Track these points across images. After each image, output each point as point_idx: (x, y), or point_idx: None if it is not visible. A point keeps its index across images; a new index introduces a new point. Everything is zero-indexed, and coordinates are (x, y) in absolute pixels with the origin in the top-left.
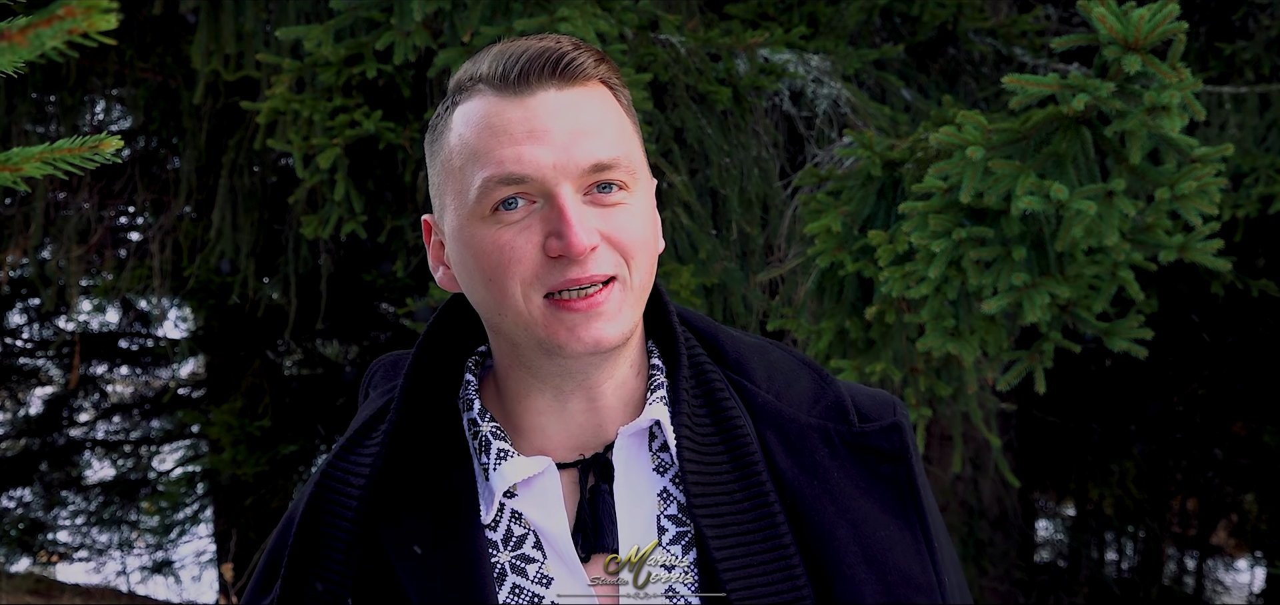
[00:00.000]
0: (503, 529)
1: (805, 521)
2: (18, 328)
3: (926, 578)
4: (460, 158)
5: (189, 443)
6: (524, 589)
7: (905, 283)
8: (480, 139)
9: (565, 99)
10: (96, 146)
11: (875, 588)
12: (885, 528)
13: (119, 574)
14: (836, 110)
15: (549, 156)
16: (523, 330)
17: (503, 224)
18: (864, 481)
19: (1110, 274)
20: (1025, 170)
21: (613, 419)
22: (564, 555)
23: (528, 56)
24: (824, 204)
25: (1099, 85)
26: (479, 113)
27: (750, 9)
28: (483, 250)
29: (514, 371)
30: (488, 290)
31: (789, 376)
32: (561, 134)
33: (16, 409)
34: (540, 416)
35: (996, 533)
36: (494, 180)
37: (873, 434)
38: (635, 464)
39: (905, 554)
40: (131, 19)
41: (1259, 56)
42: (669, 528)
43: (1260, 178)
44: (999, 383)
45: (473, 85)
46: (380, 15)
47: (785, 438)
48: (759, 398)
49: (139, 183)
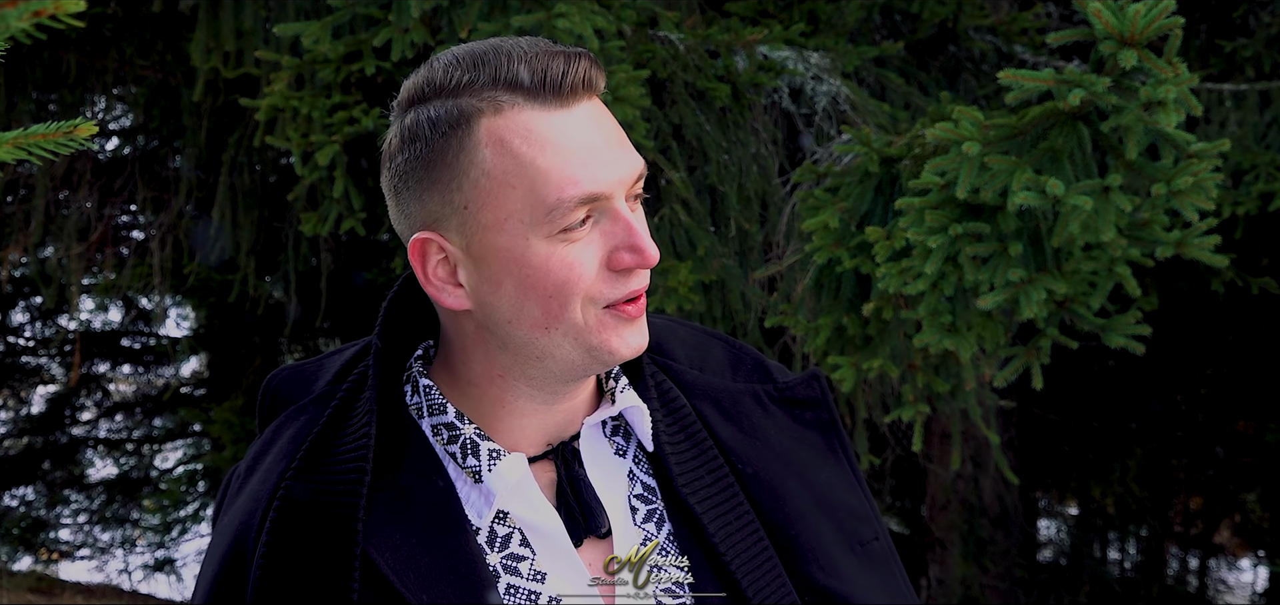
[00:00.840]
0: (485, 532)
1: (757, 482)
2: (20, 326)
3: (863, 506)
4: (512, 174)
5: (190, 441)
6: (519, 588)
7: (902, 279)
8: (542, 157)
9: (598, 108)
10: (71, 131)
11: (829, 526)
12: (822, 469)
13: (121, 572)
14: (836, 107)
15: (612, 172)
16: (570, 342)
17: (570, 241)
18: (795, 432)
19: (1107, 270)
20: (1021, 166)
21: (582, 411)
22: (560, 546)
23: (561, 68)
24: (822, 200)
25: (1095, 80)
26: (526, 127)
27: (750, 6)
28: (547, 269)
29: (502, 381)
30: (542, 306)
31: (702, 349)
32: (613, 147)
33: (19, 408)
34: (521, 418)
35: (997, 531)
36: (571, 201)
37: (796, 385)
38: (598, 451)
39: (845, 490)
40: (131, 16)
41: (1259, 54)
42: (639, 507)
43: (1260, 175)
44: (996, 379)
45: (500, 98)
46: (378, 12)
47: (720, 407)
48: (686, 374)
49: (139, 180)
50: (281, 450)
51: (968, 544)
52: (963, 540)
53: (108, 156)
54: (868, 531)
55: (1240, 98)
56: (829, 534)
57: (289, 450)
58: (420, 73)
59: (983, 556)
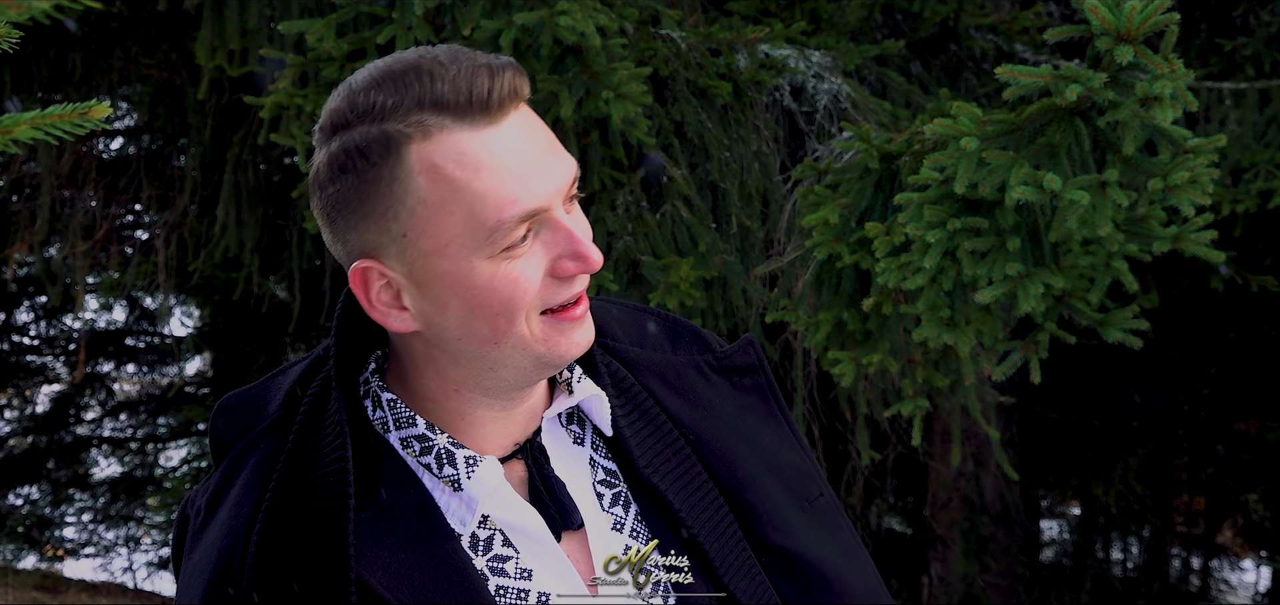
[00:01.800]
0: (468, 537)
1: (707, 450)
2: (25, 325)
3: (807, 464)
4: (448, 199)
5: (194, 440)
6: (509, 588)
7: (901, 274)
8: (477, 179)
9: (527, 119)
10: (86, 112)
11: (779, 487)
12: (766, 433)
13: (125, 570)
14: (837, 105)
15: (547, 184)
16: (519, 352)
17: (512, 258)
18: (737, 398)
19: (1105, 265)
20: (1019, 161)
21: (541, 407)
22: (543, 542)
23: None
24: (822, 196)
25: (1092, 76)
26: (457, 150)
27: (752, 5)
28: (492, 289)
29: (461, 392)
30: (490, 324)
31: (639, 327)
32: (545, 157)
33: (24, 407)
34: (483, 426)
35: (999, 528)
36: (512, 220)
37: (734, 353)
38: (560, 443)
39: (789, 450)
40: (136, 15)
41: (1259, 52)
42: (604, 492)
43: (1260, 173)
44: (994, 373)
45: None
46: (382, 10)
47: (666, 381)
48: (628, 352)
49: (144, 179)
50: (247, 482)
51: (969, 542)
52: (964, 538)
53: (113, 155)
54: (813, 489)
55: (1240, 96)
56: (779, 494)
57: (256, 481)
58: (340, 94)
59: (984, 554)
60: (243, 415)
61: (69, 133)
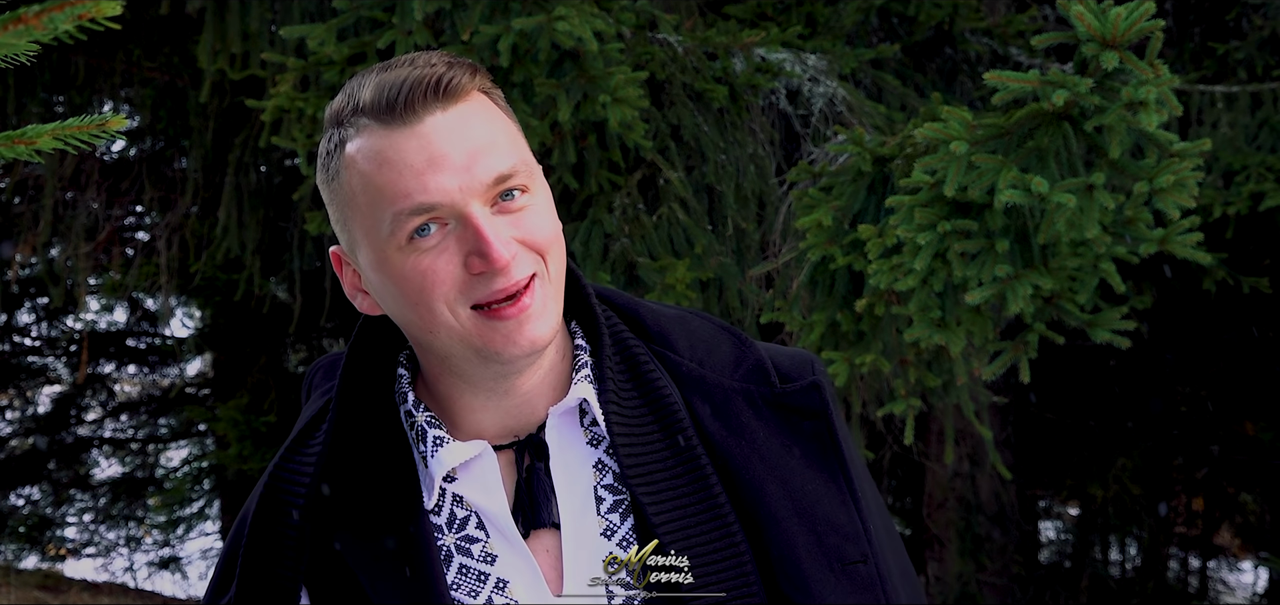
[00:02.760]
0: (446, 513)
1: (737, 480)
2: (26, 326)
3: (853, 526)
4: (365, 196)
5: (195, 440)
6: (470, 568)
7: (893, 275)
8: (381, 175)
9: (452, 119)
10: (103, 124)
11: (806, 537)
12: (811, 481)
13: (126, 570)
14: (832, 109)
15: (453, 180)
16: (457, 343)
17: (420, 250)
18: (788, 439)
19: (1092, 266)
20: (1008, 165)
21: (542, 401)
22: (505, 532)
23: (408, 84)
24: (816, 199)
25: (1078, 81)
26: (372, 149)
27: (749, 9)
28: (404, 278)
29: (444, 377)
30: (415, 313)
31: (710, 344)
32: (459, 156)
33: (25, 407)
34: (473, 412)
35: (995, 528)
36: (404, 213)
37: (793, 393)
38: (568, 440)
39: (831, 504)
40: (139, 19)
41: (1252, 56)
42: (606, 497)
43: (1251, 175)
44: (984, 373)
45: (356, 119)
46: (382, 15)
47: (712, 402)
48: (683, 366)
49: (146, 181)
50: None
51: (965, 541)
52: (960, 538)
53: (115, 158)
54: (853, 552)
55: (1232, 99)
56: (803, 545)
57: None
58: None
59: (980, 553)
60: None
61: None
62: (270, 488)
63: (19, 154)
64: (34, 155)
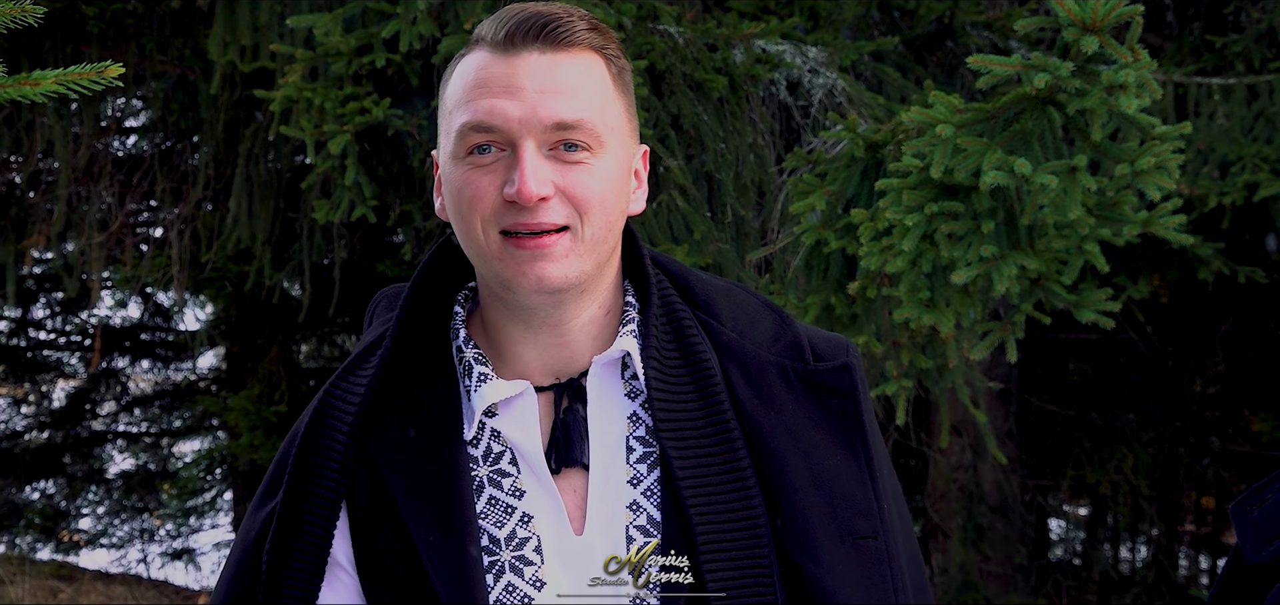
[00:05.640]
0: (483, 446)
1: (762, 447)
2: (41, 320)
3: (867, 503)
4: (450, 104)
5: (208, 433)
6: (499, 500)
7: (883, 257)
8: (466, 90)
9: (546, 61)
10: (102, 72)
11: (821, 508)
12: (832, 455)
13: (139, 561)
14: (832, 100)
15: (517, 110)
16: (484, 263)
17: (474, 166)
18: (815, 414)
19: (1077, 248)
20: (992, 147)
21: (585, 350)
22: (536, 468)
23: (518, 19)
24: (811, 185)
25: (1059, 65)
26: (472, 65)
27: (751, 1)
28: (456, 187)
29: (491, 301)
30: (459, 222)
31: (752, 316)
32: (532, 92)
33: (40, 401)
34: (516, 344)
35: (997, 518)
36: (468, 126)
37: (825, 372)
38: (607, 390)
39: (849, 480)
40: (150, 12)
41: (1249, 49)
42: (636, 447)
43: (1247, 166)
44: (972, 352)
45: (475, 42)
46: (387, 5)
47: (746, 371)
48: (723, 335)
49: (159, 173)
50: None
51: (967, 531)
52: (962, 528)
53: (128, 151)
54: (865, 527)
55: (1229, 92)
56: (817, 516)
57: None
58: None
59: (982, 543)
60: (388, 305)
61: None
62: (322, 406)
63: (26, 94)
64: (39, 96)
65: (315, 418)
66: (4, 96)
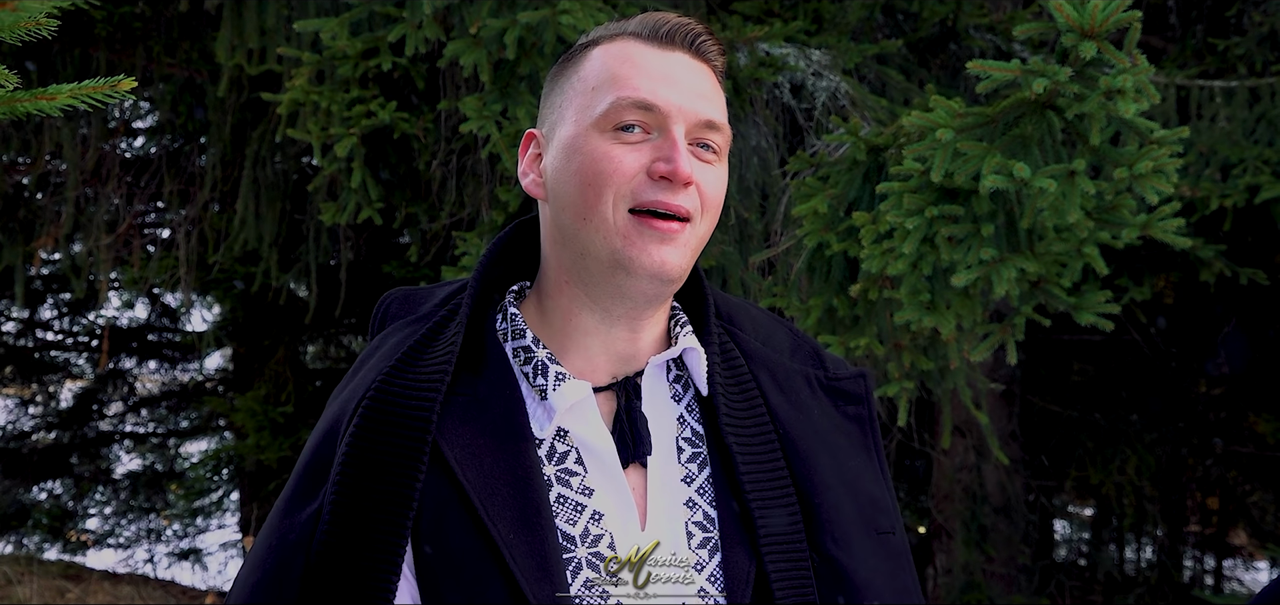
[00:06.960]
0: (547, 445)
1: (794, 448)
2: (49, 321)
3: (885, 501)
4: (597, 79)
5: (215, 434)
6: (567, 498)
7: (885, 260)
8: (622, 68)
9: (695, 66)
10: (115, 85)
11: (850, 506)
12: (854, 458)
13: (147, 561)
14: (836, 103)
15: (676, 98)
16: (602, 239)
17: (617, 139)
18: (836, 419)
19: (1076, 251)
20: (992, 151)
21: (646, 349)
22: (609, 466)
23: (674, 22)
24: (813, 188)
25: (1058, 70)
26: (625, 49)
27: (756, 5)
28: (592, 156)
29: (568, 288)
30: (581, 194)
31: (769, 330)
32: (688, 88)
33: (48, 402)
34: (586, 336)
35: (1001, 518)
36: (626, 101)
37: (843, 379)
38: (658, 390)
39: (871, 482)
40: (159, 15)
41: (1251, 52)
42: (685, 448)
43: (1248, 168)
44: (972, 354)
45: (620, 34)
46: (393, 9)
47: (775, 378)
48: (748, 344)
49: (166, 175)
50: (384, 355)
51: (970, 531)
52: (966, 528)
53: (135, 153)
54: (886, 523)
55: (1231, 94)
56: (848, 512)
57: (390, 355)
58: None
59: (985, 543)
60: (403, 307)
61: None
62: (381, 402)
63: (41, 108)
64: (55, 109)
65: (375, 415)
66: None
